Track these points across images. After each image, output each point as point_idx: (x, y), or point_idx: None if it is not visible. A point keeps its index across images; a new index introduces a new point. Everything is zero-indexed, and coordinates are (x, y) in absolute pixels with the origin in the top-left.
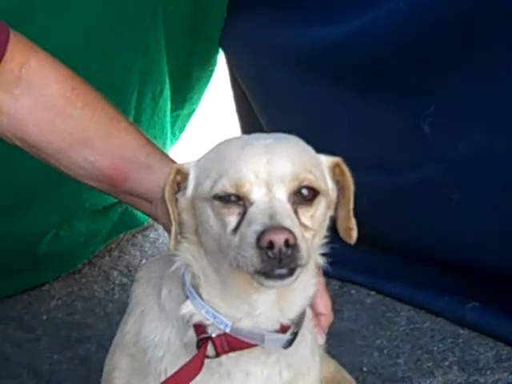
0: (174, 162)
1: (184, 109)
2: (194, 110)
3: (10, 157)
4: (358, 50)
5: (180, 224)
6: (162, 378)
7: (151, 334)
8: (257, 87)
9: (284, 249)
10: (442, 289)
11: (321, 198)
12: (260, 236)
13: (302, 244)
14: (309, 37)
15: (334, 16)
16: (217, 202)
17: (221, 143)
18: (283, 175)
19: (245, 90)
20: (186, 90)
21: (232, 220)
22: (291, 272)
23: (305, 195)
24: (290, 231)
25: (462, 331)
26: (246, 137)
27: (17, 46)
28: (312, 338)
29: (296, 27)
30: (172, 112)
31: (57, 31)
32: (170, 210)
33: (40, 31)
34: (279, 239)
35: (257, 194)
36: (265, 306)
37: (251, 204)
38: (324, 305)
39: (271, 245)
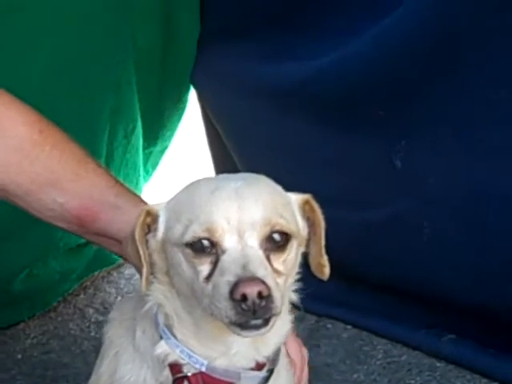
0: (143, 202)
1: (156, 146)
2: (166, 147)
3: None
4: (329, 86)
5: (151, 264)
6: None
7: (127, 374)
8: (228, 123)
9: (257, 301)
10: (419, 322)
11: (293, 242)
12: (233, 288)
13: (275, 294)
14: (279, 73)
15: (305, 52)
16: (188, 251)
17: (190, 184)
18: (254, 221)
19: (217, 126)
20: (158, 127)
21: (204, 269)
22: (266, 322)
23: (277, 240)
24: (263, 282)
25: (438, 364)
26: (215, 179)
27: None
28: (287, 374)
29: (266, 63)
30: (144, 149)
31: (24, 70)
32: (141, 252)
33: (6, 70)
34: (252, 291)
35: (229, 241)
36: (240, 347)
37: (223, 252)
38: (294, 351)
39: (244, 297)
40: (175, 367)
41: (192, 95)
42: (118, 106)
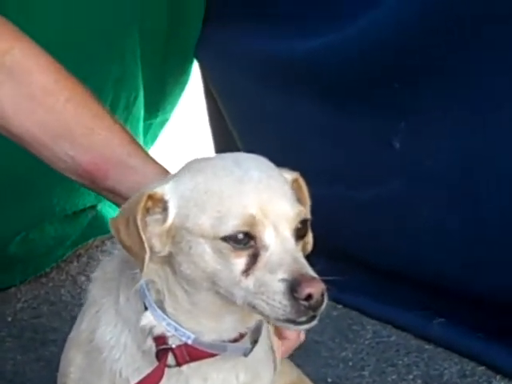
0: (157, 163)
1: (157, 118)
2: (166, 120)
3: None
4: (328, 65)
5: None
6: (117, 378)
7: (107, 335)
8: (230, 98)
9: (320, 299)
10: (409, 304)
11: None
12: (295, 287)
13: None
14: (282, 49)
15: (307, 30)
16: (224, 244)
17: (201, 170)
18: (286, 213)
19: (218, 101)
20: (160, 98)
21: (240, 262)
22: (315, 316)
23: (300, 229)
24: (321, 281)
25: (427, 346)
26: (229, 164)
27: (1, 32)
28: (267, 343)
29: (269, 39)
30: (145, 120)
31: (33, 37)
32: (144, 238)
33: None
34: (318, 291)
35: (269, 235)
36: (232, 323)
37: (265, 247)
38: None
39: (309, 296)
40: (160, 339)
41: (195, 69)
42: (122, 76)
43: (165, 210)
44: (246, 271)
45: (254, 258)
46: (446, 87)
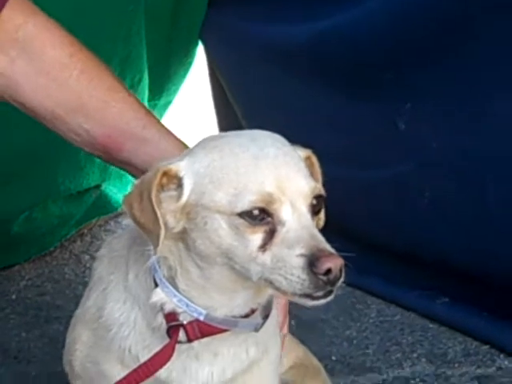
0: (172, 135)
1: (161, 99)
2: (170, 101)
3: None
4: (334, 48)
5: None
6: (127, 355)
7: (116, 312)
8: (234, 80)
9: (339, 274)
10: (414, 284)
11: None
12: (315, 262)
13: None
14: (287, 32)
15: (312, 13)
16: (240, 220)
17: (217, 146)
18: (302, 190)
19: (222, 83)
20: (164, 80)
21: (256, 238)
22: (331, 291)
23: (315, 205)
24: (339, 256)
25: (431, 325)
26: (245, 141)
27: (15, 6)
28: (276, 316)
29: (274, 22)
30: (149, 101)
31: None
32: (159, 214)
33: None
34: (336, 266)
35: (286, 212)
36: (244, 298)
37: (281, 223)
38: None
39: (329, 271)
40: (170, 315)
41: (200, 51)
42: (127, 57)
43: (180, 186)
44: (263, 247)
45: (270, 234)
46: (453, 69)
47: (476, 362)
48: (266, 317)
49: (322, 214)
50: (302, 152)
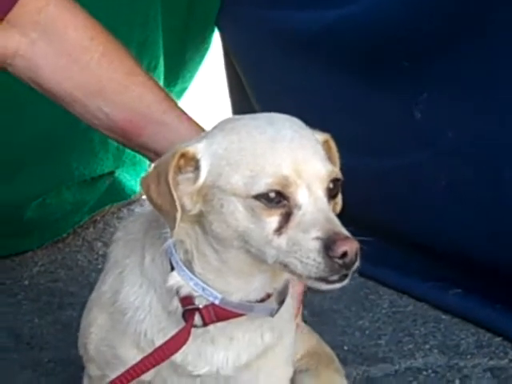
0: (192, 120)
1: (176, 86)
2: (185, 88)
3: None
4: (352, 35)
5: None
6: (142, 339)
7: (131, 296)
8: (250, 67)
9: (354, 257)
10: (426, 275)
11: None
12: (330, 245)
13: None
14: (303, 19)
15: (331, 0)
16: (256, 202)
17: (235, 129)
18: (319, 173)
19: (238, 70)
20: (180, 67)
21: (273, 220)
22: (346, 275)
23: (332, 188)
24: (355, 239)
25: (444, 316)
26: (263, 124)
27: None
28: (291, 303)
29: (291, 9)
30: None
31: None
32: (175, 196)
33: None
34: (352, 249)
35: (302, 195)
36: (260, 282)
37: (297, 206)
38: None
39: (344, 254)
40: (186, 299)
41: (215, 38)
42: (144, 42)
43: (197, 168)
44: (279, 230)
45: (286, 217)
46: (469, 58)
47: (488, 353)
48: (281, 302)
49: (339, 199)
50: (320, 136)
